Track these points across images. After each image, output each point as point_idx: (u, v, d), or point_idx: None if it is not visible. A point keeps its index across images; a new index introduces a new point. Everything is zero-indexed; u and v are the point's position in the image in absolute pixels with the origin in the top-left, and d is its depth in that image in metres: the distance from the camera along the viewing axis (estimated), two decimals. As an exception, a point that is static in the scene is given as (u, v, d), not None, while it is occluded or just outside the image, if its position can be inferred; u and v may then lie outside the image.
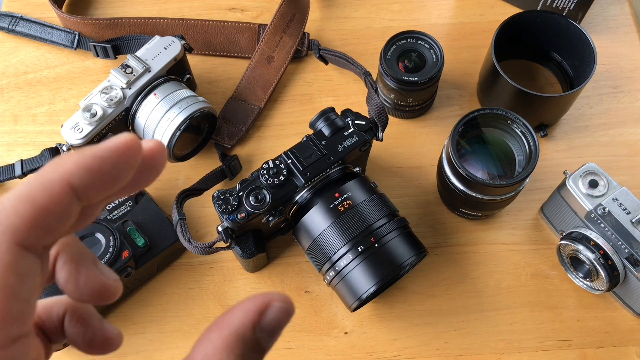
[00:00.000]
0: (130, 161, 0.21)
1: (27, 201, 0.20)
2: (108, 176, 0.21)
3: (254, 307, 0.21)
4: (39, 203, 0.20)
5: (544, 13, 0.68)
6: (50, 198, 0.20)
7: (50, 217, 0.20)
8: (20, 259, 0.20)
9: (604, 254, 0.56)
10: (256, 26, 0.74)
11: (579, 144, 0.70)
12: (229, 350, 0.21)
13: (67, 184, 0.20)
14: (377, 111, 0.60)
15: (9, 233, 0.19)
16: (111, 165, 0.21)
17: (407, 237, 0.56)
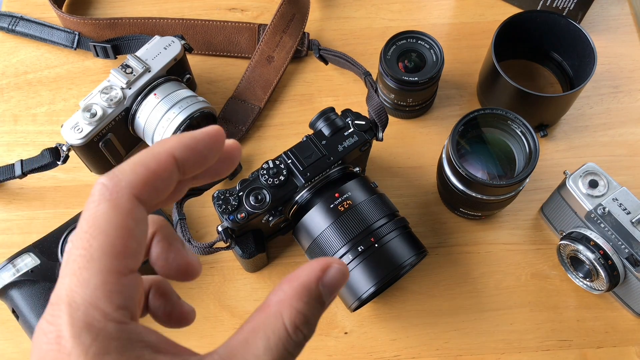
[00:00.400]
0: (217, 146, 0.27)
1: (142, 165, 0.25)
2: (200, 155, 0.26)
3: (318, 265, 0.26)
4: (151, 167, 0.25)
5: (544, 13, 0.68)
6: (159, 165, 0.25)
7: (158, 180, 0.25)
8: (136, 208, 0.24)
9: (604, 254, 0.56)
10: (256, 26, 0.74)
11: (579, 144, 0.70)
12: (298, 298, 0.26)
13: (172, 156, 0.25)
14: (377, 111, 0.60)
15: (129, 187, 0.24)
16: (203, 146, 0.26)
17: (407, 237, 0.56)
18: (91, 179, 0.69)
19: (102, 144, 0.63)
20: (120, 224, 0.24)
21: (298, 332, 0.25)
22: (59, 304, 0.23)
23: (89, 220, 0.24)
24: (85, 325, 0.22)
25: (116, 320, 0.23)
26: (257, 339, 0.25)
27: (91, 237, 0.24)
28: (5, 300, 0.58)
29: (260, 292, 0.64)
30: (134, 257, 0.24)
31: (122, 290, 0.24)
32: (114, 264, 0.24)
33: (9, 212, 0.67)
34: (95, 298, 0.23)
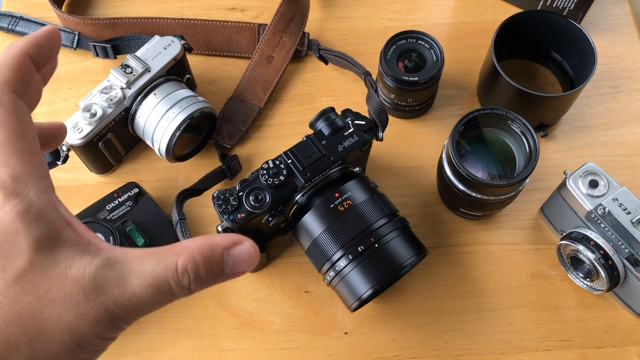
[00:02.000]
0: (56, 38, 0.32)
1: (7, 66, 0.30)
2: (47, 48, 0.32)
3: (233, 237, 0.31)
4: (15, 66, 0.30)
5: (544, 13, 0.68)
6: (19, 63, 0.30)
7: (23, 75, 0.30)
8: (17, 101, 0.30)
9: (604, 254, 0.56)
10: (256, 26, 0.74)
11: (579, 144, 0.70)
12: (200, 251, 0.30)
13: (26, 54, 0.31)
14: (377, 111, 0.59)
15: (5, 85, 0.30)
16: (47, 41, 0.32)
17: (407, 237, 0.56)
18: (91, 179, 0.69)
19: (102, 144, 0.63)
20: (12, 116, 0.29)
21: (185, 274, 0.29)
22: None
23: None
24: (12, 192, 0.28)
25: (37, 189, 0.28)
26: (150, 261, 0.29)
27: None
28: (5, 300, 0.58)
29: (260, 292, 0.64)
30: (33, 138, 0.30)
31: (36, 166, 0.29)
32: (22, 146, 0.29)
33: (8, 212, 0.67)
34: (17, 173, 0.28)
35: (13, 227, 0.27)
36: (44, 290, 0.27)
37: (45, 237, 0.28)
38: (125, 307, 0.28)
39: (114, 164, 0.68)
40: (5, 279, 0.27)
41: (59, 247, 0.28)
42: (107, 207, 0.62)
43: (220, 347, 0.62)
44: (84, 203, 0.63)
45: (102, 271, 0.28)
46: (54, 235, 0.28)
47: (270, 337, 0.62)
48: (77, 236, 0.29)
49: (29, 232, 0.28)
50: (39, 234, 0.28)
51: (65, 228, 0.29)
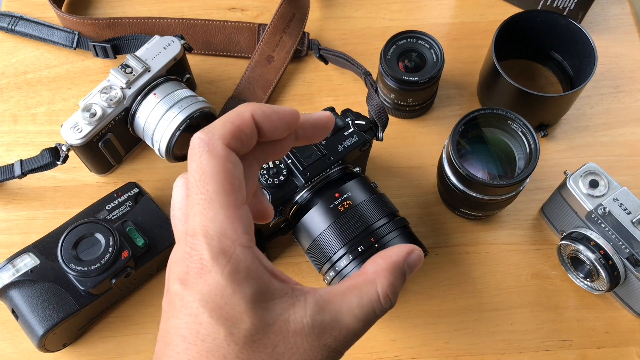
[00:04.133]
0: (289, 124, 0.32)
1: (229, 122, 0.30)
2: (273, 125, 0.32)
3: (405, 248, 0.34)
4: (236, 123, 0.31)
5: (544, 13, 0.68)
6: (242, 122, 0.31)
7: (242, 133, 0.31)
8: (230, 154, 0.30)
9: (604, 254, 0.56)
10: (256, 26, 0.74)
11: (580, 144, 0.70)
12: (390, 271, 0.32)
13: (252, 116, 0.31)
14: (377, 111, 0.59)
15: (221, 139, 0.30)
16: (277, 119, 0.32)
17: (408, 237, 0.56)
18: (91, 179, 0.69)
19: (102, 143, 0.63)
20: (222, 169, 0.30)
21: (387, 299, 0.32)
22: (197, 236, 0.29)
23: (199, 170, 0.30)
24: (220, 251, 0.28)
25: (242, 245, 0.29)
26: (353, 295, 0.31)
27: (205, 183, 0.29)
28: (5, 300, 0.58)
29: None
30: (240, 192, 0.30)
31: (241, 220, 0.29)
32: (229, 200, 0.29)
33: (8, 212, 0.67)
34: (223, 229, 0.29)
35: (228, 289, 0.28)
36: (272, 347, 0.29)
37: (257, 294, 0.29)
38: (344, 342, 0.31)
39: (114, 164, 0.68)
40: (236, 342, 0.28)
41: (271, 300, 0.29)
42: (107, 207, 0.62)
43: (220, 347, 0.61)
44: (84, 203, 0.63)
45: (318, 317, 0.30)
46: (265, 290, 0.29)
47: (270, 337, 0.62)
48: (283, 285, 0.30)
49: (243, 293, 0.28)
50: (251, 292, 0.29)
51: (271, 280, 0.30)
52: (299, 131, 0.34)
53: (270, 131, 0.32)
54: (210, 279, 0.28)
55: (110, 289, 0.59)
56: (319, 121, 0.35)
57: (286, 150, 0.34)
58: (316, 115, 0.35)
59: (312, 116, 0.34)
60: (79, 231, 0.57)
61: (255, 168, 0.34)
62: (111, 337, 0.62)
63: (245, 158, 0.32)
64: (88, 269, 0.56)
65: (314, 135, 0.35)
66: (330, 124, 0.35)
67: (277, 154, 0.35)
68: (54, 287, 0.57)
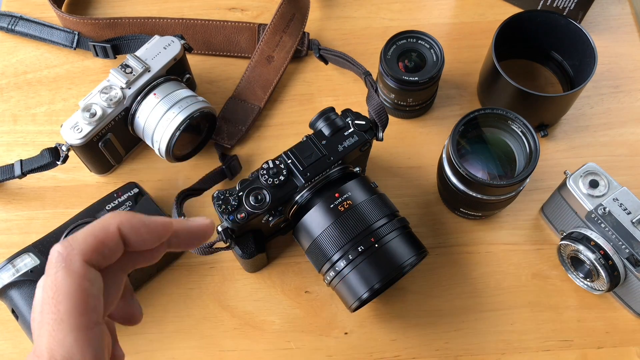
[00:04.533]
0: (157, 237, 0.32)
1: (91, 235, 0.30)
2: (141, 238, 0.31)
3: None
4: (99, 237, 0.30)
5: (544, 13, 0.68)
6: (106, 235, 0.30)
7: (105, 248, 0.30)
8: (89, 271, 0.29)
9: (604, 254, 0.56)
10: (256, 26, 0.74)
11: (580, 144, 0.70)
12: None
13: (118, 229, 0.30)
14: (377, 111, 0.59)
15: (80, 254, 0.29)
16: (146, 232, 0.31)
17: (408, 237, 0.56)
18: (91, 179, 0.69)
19: (102, 143, 0.63)
20: (78, 287, 0.29)
21: None
22: (42, 359, 0.28)
23: (52, 287, 0.29)
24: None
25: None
26: None
27: (57, 303, 0.29)
28: (5, 300, 0.58)
29: (260, 292, 0.64)
30: (95, 311, 0.30)
31: (91, 343, 0.29)
32: (81, 321, 0.29)
33: (8, 212, 0.67)
34: (71, 354, 0.28)
35: None
36: None
37: None
38: None
39: (114, 164, 0.68)
40: None
41: None
42: (107, 207, 0.62)
43: (220, 348, 0.62)
44: (84, 203, 0.63)
45: None
46: None
47: (270, 337, 0.62)
48: None
49: None
50: None
51: None
52: (172, 240, 0.33)
53: (138, 243, 0.31)
54: None
55: (110, 289, 0.59)
56: (197, 229, 0.34)
57: (157, 257, 0.34)
58: (195, 224, 0.34)
59: (189, 224, 0.33)
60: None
61: (120, 277, 0.33)
62: (111, 337, 0.62)
63: (110, 268, 0.31)
64: (88, 269, 0.56)
65: (190, 243, 0.34)
66: (209, 232, 0.34)
67: (147, 261, 0.33)
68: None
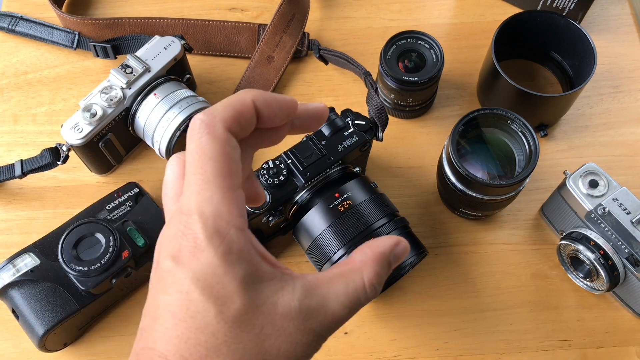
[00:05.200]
0: (287, 112, 0.34)
1: (230, 105, 0.31)
2: (273, 112, 0.33)
3: (392, 240, 0.35)
4: (237, 108, 0.31)
5: (544, 13, 0.68)
6: (243, 107, 0.31)
7: (242, 118, 0.31)
8: (230, 138, 0.31)
9: (604, 254, 0.56)
10: (256, 26, 0.74)
11: (579, 144, 0.70)
12: (376, 261, 0.33)
13: (253, 102, 0.32)
14: (377, 111, 0.60)
15: (222, 122, 0.30)
16: (277, 107, 0.33)
17: (407, 237, 0.56)
18: (91, 179, 0.69)
19: (102, 144, 0.63)
20: (222, 151, 0.30)
21: (372, 287, 0.33)
22: (192, 215, 0.29)
23: (198, 151, 0.30)
24: (215, 231, 0.29)
25: (236, 227, 0.29)
26: (339, 283, 0.32)
27: (203, 164, 0.30)
28: (5, 300, 0.58)
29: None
30: (237, 175, 0.31)
31: (236, 203, 0.30)
32: (226, 182, 0.30)
33: (8, 212, 0.67)
34: (219, 210, 0.29)
35: (220, 269, 0.29)
36: (259, 327, 0.29)
37: (248, 276, 0.30)
38: (329, 327, 0.32)
39: (114, 164, 0.68)
40: (225, 321, 0.29)
41: (260, 282, 0.30)
42: (107, 207, 0.62)
43: (220, 347, 0.61)
44: (84, 203, 0.63)
45: (305, 302, 0.31)
46: (255, 272, 0.30)
47: (270, 337, 0.62)
48: (273, 269, 0.31)
49: (235, 274, 0.29)
50: (242, 274, 0.29)
51: (262, 263, 0.31)
52: (295, 120, 0.35)
53: (269, 118, 0.33)
54: (203, 257, 0.29)
55: (111, 289, 0.59)
56: (314, 111, 0.36)
57: (281, 138, 0.36)
58: (312, 106, 0.36)
59: (309, 106, 0.36)
60: (79, 231, 0.57)
61: (250, 153, 0.34)
62: (111, 337, 0.62)
63: (242, 142, 0.32)
64: (88, 268, 0.56)
65: (309, 125, 0.36)
66: (325, 114, 0.36)
67: (272, 141, 0.35)
68: (54, 287, 0.57)
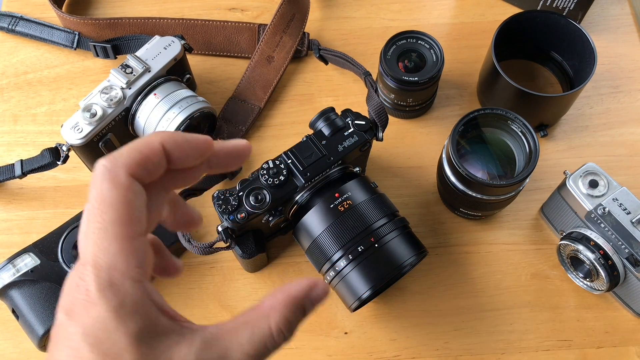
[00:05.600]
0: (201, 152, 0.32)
1: (136, 149, 0.30)
2: (185, 153, 0.32)
3: (307, 282, 0.32)
4: (144, 152, 0.30)
5: (544, 13, 0.68)
6: (150, 151, 0.30)
7: (149, 163, 0.30)
8: (133, 184, 0.30)
9: (604, 254, 0.56)
10: (256, 26, 0.74)
11: (579, 144, 0.70)
12: (285, 305, 0.31)
13: (162, 145, 0.31)
14: (377, 111, 0.60)
15: (125, 167, 0.29)
16: (189, 148, 0.32)
17: (407, 237, 0.56)
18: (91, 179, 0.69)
19: (102, 144, 0.63)
20: (123, 198, 0.29)
21: (280, 334, 0.31)
22: (86, 266, 0.28)
23: (98, 198, 0.29)
24: (108, 284, 0.28)
25: (132, 279, 0.28)
26: (244, 331, 0.30)
27: (103, 212, 0.29)
28: (5, 300, 0.58)
29: (260, 292, 0.64)
30: (139, 223, 0.30)
31: (135, 253, 0.29)
32: (125, 231, 0.29)
33: (8, 212, 0.67)
34: (114, 262, 0.28)
35: (111, 324, 0.27)
36: None
37: (142, 331, 0.28)
38: None
39: (114, 164, 0.68)
40: None
41: (156, 337, 0.29)
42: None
43: (220, 347, 0.62)
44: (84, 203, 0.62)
45: (203, 354, 0.29)
46: (150, 327, 0.29)
47: (270, 337, 0.62)
48: (171, 323, 0.29)
49: (126, 329, 0.28)
50: (135, 328, 0.28)
51: (159, 317, 0.29)
52: (212, 159, 0.33)
53: (180, 160, 0.32)
54: (94, 312, 0.27)
55: (111, 289, 0.59)
56: (234, 149, 0.34)
57: (197, 177, 0.34)
58: (231, 144, 0.34)
59: (227, 144, 0.34)
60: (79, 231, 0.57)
61: (162, 195, 0.33)
62: (111, 336, 0.62)
63: (152, 186, 0.31)
64: (88, 268, 0.56)
65: (229, 163, 0.34)
66: (246, 152, 0.34)
67: (187, 182, 0.34)
68: (54, 287, 0.57)
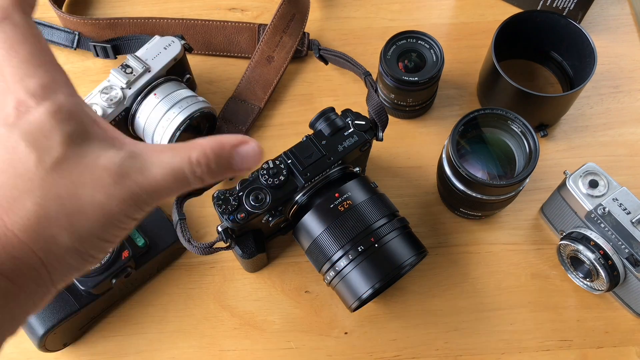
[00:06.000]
0: None
1: None
2: None
3: (240, 137, 0.34)
4: None
5: (544, 13, 0.68)
6: None
7: None
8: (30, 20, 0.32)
9: (604, 254, 0.56)
10: (256, 26, 0.74)
11: (579, 144, 0.70)
12: (211, 147, 0.33)
13: None
14: (377, 111, 0.60)
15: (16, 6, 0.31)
16: None
17: (407, 237, 0.56)
18: None
19: (102, 144, 0.63)
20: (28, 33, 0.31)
21: (198, 165, 0.33)
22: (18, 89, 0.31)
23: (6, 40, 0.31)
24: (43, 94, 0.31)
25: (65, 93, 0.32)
26: (167, 154, 0.33)
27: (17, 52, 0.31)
28: (5, 300, 0.58)
29: (260, 292, 0.64)
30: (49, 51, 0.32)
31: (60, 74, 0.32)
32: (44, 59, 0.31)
33: (9, 212, 0.67)
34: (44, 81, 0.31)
35: (47, 124, 0.30)
36: (77, 175, 0.31)
37: (75, 133, 0.31)
38: (147, 191, 0.32)
39: (114, 164, 0.68)
40: (44, 167, 0.30)
41: (88, 141, 0.31)
42: (107, 207, 0.62)
43: (220, 347, 0.62)
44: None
45: (127, 161, 0.32)
46: (83, 131, 0.31)
47: (270, 337, 0.62)
48: (103, 132, 0.32)
49: (61, 129, 0.30)
50: (70, 130, 0.31)
51: (92, 125, 0.32)
52: None
53: None
54: (32, 117, 0.30)
55: (111, 289, 0.59)
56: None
57: None
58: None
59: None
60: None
61: None
62: (111, 337, 0.62)
63: None
64: (88, 268, 0.56)
65: None
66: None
67: None
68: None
